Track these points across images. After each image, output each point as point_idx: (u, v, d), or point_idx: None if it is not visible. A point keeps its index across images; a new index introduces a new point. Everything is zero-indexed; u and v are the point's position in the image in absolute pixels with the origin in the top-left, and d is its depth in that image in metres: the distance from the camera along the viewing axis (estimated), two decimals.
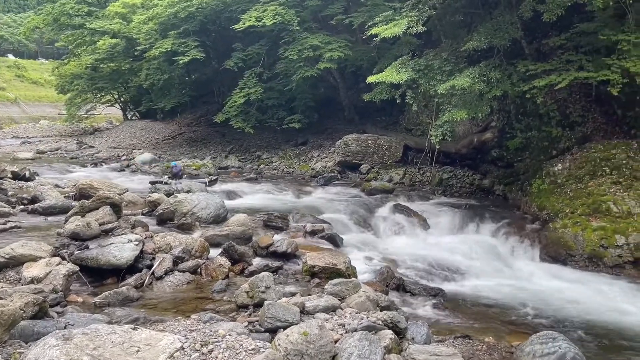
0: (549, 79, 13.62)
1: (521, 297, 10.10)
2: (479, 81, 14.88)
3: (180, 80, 32.51)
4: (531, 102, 16.25)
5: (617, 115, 15.83)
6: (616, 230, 12.39)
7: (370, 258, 11.66)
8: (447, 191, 19.21)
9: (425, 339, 6.73)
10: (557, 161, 15.91)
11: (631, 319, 9.13)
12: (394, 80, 16.96)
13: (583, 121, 16.26)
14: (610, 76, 12.74)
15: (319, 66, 23.34)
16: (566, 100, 16.71)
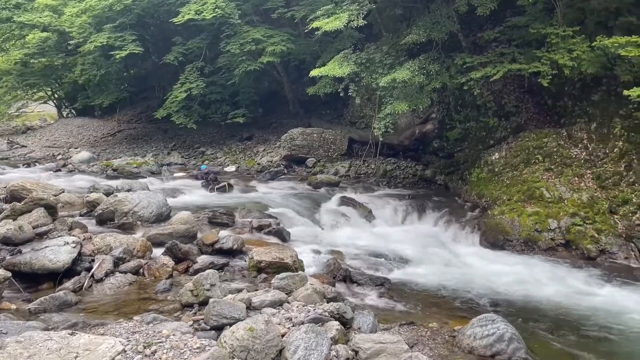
0: (484, 71, 14.12)
1: (463, 283, 10.45)
2: (419, 74, 15.22)
3: (118, 76, 31.32)
4: (469, 93, 16.81)
5: (548, 106, 16.62)
6: (549, 215, 13.05)
7: (318, 251, 11.72)
8: (391, 182, 19.59)
9: (372, 327, 6.85)
10: (494, 150, 16.56)
11: (562, 298, 9.65)
12: (336, 74, 17.06)
13: (517, 111, 16.97)
14: (540, 68, 13.35)
15: (262, 60, 23.14)
16: (501, 91, 17.38)
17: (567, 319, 8.79)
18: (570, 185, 13.74)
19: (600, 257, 12.05)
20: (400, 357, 5.48)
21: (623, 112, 13.58)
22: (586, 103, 14.90)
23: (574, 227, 12.62)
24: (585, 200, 13.20)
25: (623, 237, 12.32)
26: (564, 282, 10.56)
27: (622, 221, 12.66)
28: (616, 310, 9.11)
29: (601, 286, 10.32)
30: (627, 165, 13.31)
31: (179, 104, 25.05)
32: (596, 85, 14.58)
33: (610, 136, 13.93)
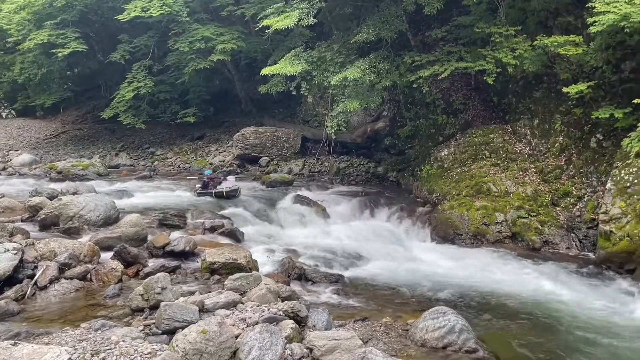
0: (432, 69, 14.43)
1: (415, 277, 10.66)
2: (370, 72, 15.40)
3: (61, 75, 30.08)
4: (418, 91, 17.15)
5: (494, 103, 17.19)
6: (496, 209, 13.50)
7: (272, 250, 11.67)
8: (344, 180, 19.77)
9: (326, 325, 6.87)
10: (443, 147, 16.96)
11: (509, 288, 9.98)
12: (288, 72, 17.03)
13: (465, 108, 17.45)
14: (485, 66, 13.77)
15: (212, 58, 22.81)
16: (449, 89, 17.82)
17: (514, 308, 9.11)
18: (516, 179, 14.26)
19: (544, 248, 12.59)
20: (355, 353, 5.52)
21: (563, 108, 14.20)
22: (529, 100, 15.49)
23: (520, 220, 13.11)
24: (530, 193, 13.73)
25: (564, 228, 12.90)
26: (510, 273, 10.94)
27: (563, 213, 13.26)
28: (559, 299, 9.52)
29: (545, 276, 10.75)
30: (567, 159, 13.93)
31: (127, 104, 24.36)
32: (538, 83, 15.18)
33: (552, 132, 14.54)
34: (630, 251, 10.26)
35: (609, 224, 10.99)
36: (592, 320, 8.56)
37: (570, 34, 12.26)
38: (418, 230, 14.21)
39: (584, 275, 10.78)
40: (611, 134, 12.89)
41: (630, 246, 10.26)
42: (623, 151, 11.53)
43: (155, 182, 18.67)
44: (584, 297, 9.56)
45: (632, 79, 12.22)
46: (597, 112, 12.10)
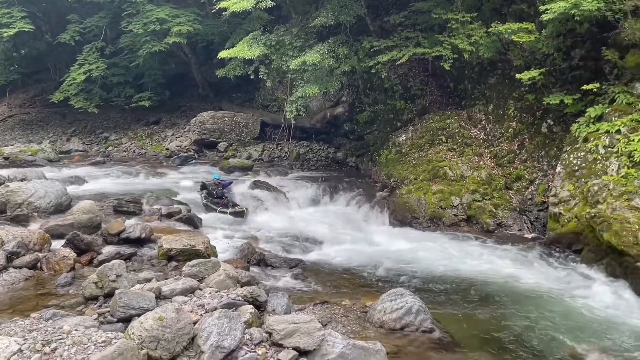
0: (390, 55, 14.50)
1: (374, 260, 10.79)
2: (329, 57, 15.34)
3: (6, 56, 28.60)
4: (377, 77, 17.22)
5: (450, 88, 17.48)
6: (452, 193, 13.79)
7: (231, 236, 11.59)
8: (304, 165, 19.77)
9: (286, 309, 6.89)
10: (401, 132, 17.16)
11: (464, 269, 10.25)
12: (246, 56, 16.76)
13: (422, 94, 17.68)
14: (442, 52, 13.95)
15: (168, 40, 22.19)
16: (407, 74, 18.00)
17: (469, 289, 9.37)
18: (471, 164, 14.59)
19: (498, 230, 12.97)
20: (314, 336, 5.56)
21: (516, 94, 14.57)
22: (484, 86, 15.83)
23: (475, 203, 13.45)
24: (484, 177, 14.09)
25: (517, 211, 13.32)
26: (466, 255, 11.22)
27: (516, 196, 13.68)
28: (511, 279, 9.84)
29: (498, 257, 11.09)
30: (520, 144, 14.35)
31: (78, 87, 23.46)
32: (492, 69, 15.52)
33: (505, 117, 14.92)
34: (578, 232, 10.68)
35: (558, 206, 11.41)
36: (542, 298, 8.91)
37: (524, 22, 12.53)
38: (377, 214, 14.36)
39: (535, 255, 11.16)
40: (561, 120, 13.34)
41: (578, 227, 10.68)
42: (572, 136, 11.96)
43: (109, 168, 18.14)
44: (534, 277, 9.91)
45: (581, 66, 12.63)
46: (548, 98, 12.48)
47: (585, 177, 11.01)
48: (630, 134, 10.33)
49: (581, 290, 9.20)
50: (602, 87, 11.52)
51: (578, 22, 11.63)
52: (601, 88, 11.52)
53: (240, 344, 5.47)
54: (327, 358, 5.48)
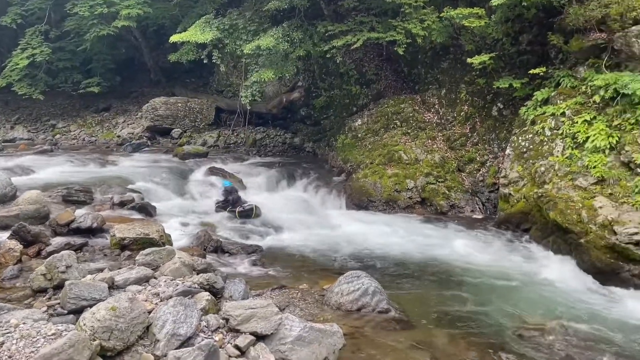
0: (345, 39, 14.50)
1: (331, 244, 10.91)
2: (283, 41, 15.20)
3: None
4: (332, 61, 17.19)
5: (405, 73, 17.68)
6: (407, 176, 14.03)
7: (187, 224, 11.42)
8: (261, 151, 19.65)
9: (243, 295, 6.88)
10: (357, 117, 17.28)
11: (419, 250, 10.48)
12: (198, 40, 16.41)
13: (377, 79, 17.81)
14: (396, 37, 14.05)
15: (116, 24, 21.40)
16: (362, 59, 18.07)
17: (424, 269, 9.61)
18: (425, 147, 14.86)
19: (451, 212, 13.31)
20: (271, 320, 5.58)
21: (468, 78, 14.89)
22: (437, 70, 16.09)
23: (429, 186, 13.74)
24: (438, 160, 14.38)
25: (469, 193, 13.70)
26: (420, 236, 11.48)
27: (468, 178, 14.06)
28: (464, 258, 10.15)
29: (451, 238, 11.40)
30: (472, 127, 14.71)
31: (21, 72, 22.35)
32: (445, 54, 15.77)
33: (458, 101, 15.24)
34: (526, 212, 11.09)
35: (508, 187, 11.80)
36: (493, 276, 9.22)
37: (475, 7, 12.77)
38: (334, 199, 14.48)
39: (486, 235, 11.54)
40: (510, 103, 13.74)
41: (526, 207, 11.08)
42: (520, 119, 12.35)
43: (57, 157, 17.46)
44: (486, 256, 10.25)
45: (529, 50, 13.02)
46: (497, 82, 12.81)
47: (533, 159, 11.41)
48: (574, 116, 10.74)
49: (530, 267, 9.60)
50: (548, 71, 11.92)
51: (525, 8, 11.96)
52: (547, 72, 11.91)
53: (197, 331, 5.44)
54: (284, 341, 5.52)
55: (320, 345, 5.57)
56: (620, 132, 9.75)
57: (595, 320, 7.50)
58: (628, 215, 8.77)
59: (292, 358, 5.41)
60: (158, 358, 4.98)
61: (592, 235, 8.98)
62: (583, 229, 9.18)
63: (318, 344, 5.57)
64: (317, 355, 5.47)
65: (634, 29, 10.14)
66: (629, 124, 9.63)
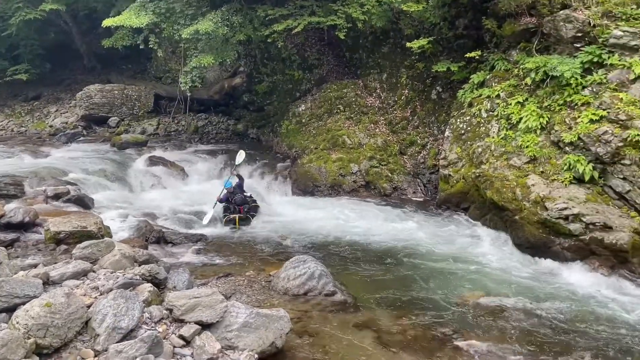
0: (286, 24, 14.37)
1: (277, 230, 10.91)
2: (222, 25, 14.86)
3: None
4: (274, 46, 17.03)
5: (346, 58, 17.75)
6: (351, 160, 14.18)
7: (127, 215, 11.05)
8: (203, 138, 19.29)
9: (187, 284, 6.77)
10: (300, 102, 17.24)
11: (364, 232, 10.65)
12: (133, 24, 15.75)
13: (319, 64, 17.80)
14: (337, 21, 14.06)
15: (44, 7, 20.24)
16: (304, 44, 17.98)
17: (368, 250, 9.78)
18: (368, 131, 15.05)
19: (394, 194, 13.60)
20: (216, 308, 5.52)
21: (407, 63, 15.14)
22: (378, 55, 16.26)
23: (372, 169, 13.95)
24: (380, 144, 14.61)
25: (411, 175, 14.03)
26: (365, 219, 11.65)
27: (410, 161, 14.38)
28: (408, 238, 10.42)
29: (395, 219, 11.66)
30: (412, 111, 15.02)
31: None
32: (385, 39, 15.95)
33: (398, 85, 15.50)
34: (465, 191, 11.48)
35: (447, 168, 12.16)
36: (435, 255, 9.53)
37: None
38: (279, 185, 14.44)
39: (428, 216, 11.88)
40: (449, 87, 14.11)
41: (465, 187, 11.47)
42: (458, 102, 12.71)
43: None
44: (428, 236, 10.56)
45: (465, 35, 13.37)
46: (436, 66, 13.11)
47: (471, 140, 11.79)
48: (508, 98, 11.17)
49: (469, 245, 9.98)
50: (483, 55, 12.30)
51: None
52: (482, 56, 12.30)
53: (140, 323, 5.30)
54: (231, 329, 5.47)
55: (267, 330, 5.57)
56: (550, 113, 10.23)
57: (529, 292, 7.91)
58: (558, 191, 9.25)
59: (239, 345, 5.39)
60: (98, 353, 4.83)
61: (525, 212, 9.41)
62: (517, 206, 9.61)
63: (265, 329, 5.56)
64: (264, 340, 5.47)
65: (562, 14, 10.61)
66: (558, 105, 10.12)
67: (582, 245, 8.68)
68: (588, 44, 10.08)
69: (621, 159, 8.85)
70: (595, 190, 9.16)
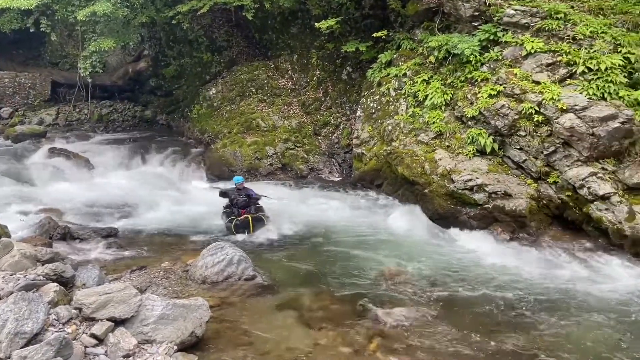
0: (190, 4, 13.90)
1: (193, 218, 10.62)
2: (122, 6, 14.09)
3: None
4: (179, 28, 16.37)
5: (256, 39, 17.49)
6: (266, 143, 14.08)
7: (27, 212, 10.32)
8: (109, 127, 18.33)
9: (98, 280, 6.45)
10: (210, 85, 16.81)
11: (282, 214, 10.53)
12: (22, 6, 14.50)
13: (229, 45, 17.40)
14: (244, 1, 13.77)
15: None
16: (211, 25, 17.46)
17: (287, 231, 9.79)
18: (282, 113, 15.01)
19: (311, 175, 13.72)
20: (130, 303, 5.31)
21: (317, 43, 15.19)
22: (287, 36, 16.16)
23: (288, 151, 13.96)
24: (295, 126, 14.63)
25: (326, 155, 14.21)
26: (283, 201, 11.60)
27: (324, 141, 14.53)
28: (326, 216, 10.58)
29: (312, 199, 11.78)
30: (324, 91, 15.14)
31: None
32: (294, 19, 15.86)
33: (309, 66, 15.53)
34: (378, 169, 11.81)
35: (360, 147, 12.43)
36: (352, 230, 9.79)
37: None
38: (193, 171, 14.05)
39: (344, 194, 12.11)
40: (358, 66, 14.36)
41: (378, 164, 11.79)
42: (368, 81, 12.98)
43: None
44: (345, 213, 10.79)
45: (372, 14, 13.61)
46: (345, 46, 13.27)
47: (381, 119, 12.11)
48: (414, 76, 11.56)
49: (383, 220, 10.31)
50: (389, 35, 12.61)
51: None
52: (389, 35, 12.61)
53: (46, 325, 5.00)
54: (147, 322, 5.30)
55: (185, 320, 5.45)
56: (453, 90, 10.72)
57: (439, 261, 8.36)
58: (462, 164, 9.77)
59: (157, 338, 5.23)
60: None
61: (434, 185, 9.86)
62: (427, 180, 10.04)
63: (183, 320, 5.44)
64: (183, 331, 5.35)
65: None
66: (460, 81, 10.63)
67: (486, 214, 9.26)
68: (485, 22, 10.64)
69: (517, 130, 9.48)
70: (496, 161, 9.77)
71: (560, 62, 9.52)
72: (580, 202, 8.71)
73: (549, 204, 9.18)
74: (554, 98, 8.99)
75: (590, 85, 9.00)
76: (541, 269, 8.03)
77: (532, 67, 9.75)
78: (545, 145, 9.09)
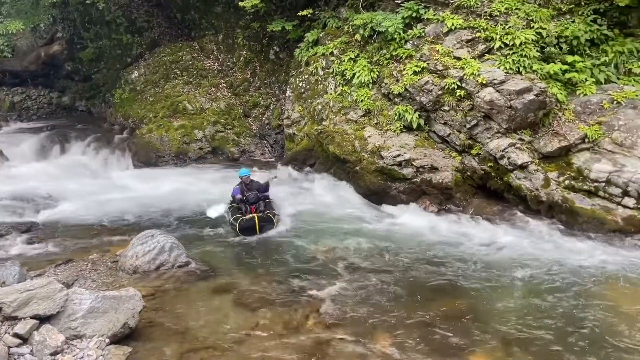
0: None
1: (120, 207, 10.22)
2: None
3: None
4: (95, 8, 15.47)
5: (178, 19, 16.87)
6: (194, 127, 13.73)
7: None
8: (23, 115, 17.17)
9: (19, 278, 6.12)
10: (132, 69, 16.10)
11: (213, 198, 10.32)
12: None
13: (149, 26, 16.68)
14: None
15: None
16: (130, 5, 16.65)
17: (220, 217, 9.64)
18: (209, 95, 14.65)
19: (243, 157, 13.55)
20: (55, 298, 5.05)
21: (242, 23, 14.87)
22: (211, 15, 15.71)
23: (218, 134, 13.69)
24: (224, 108, 14.35)
25: (257, 137, 14.06)
26: (213, 185, 11.42)
27: (255, 123, 14.36)
28: None
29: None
30: (252, 72, 14.91)
31: None
32: None
33: (236, 46, 15.20)
34: (310, 148, 11.81)
35: (291, 127, 12.39)
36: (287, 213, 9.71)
37: None
38: (118, 158, 13.49)
39: (277, 175, 12.01)
40: (286, 46, 14.21)
41: (309, 144, 11.80)
42: (296, 61, 12.88)
43: None
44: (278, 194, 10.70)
45: None
46: (271, 26, 13.08)
47: (311, 98, 12.10)
48: (341, 55, 11.60)
49: (316, 199, 10.38)
50: (315, 13, 12.54)
51: None
52: (315, 14, 12.54)
53: None
54: (75, 317, 5.09)
55: (117, 312, 5.28)
56: (380, 67, 10.88)
57: (372, 236, 8.56)
58: (391, 140, 9.99)
59: (87, 332, 5.04)
60: None
61: (365, 162, 10.03)
62: (357, 157, 10.18)
63: (114, 312, 5.26)
64: (115, 323, 5.18)
65: None
66: (385, 59, 10.79)
67: (415, 187, 9.56)
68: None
69: (441, 106, 9.79)
70: (422, 136, 10.06)
71: (479, 38, 9.89)
72: (501, 171, 9.18)
73: (473, 175, 9.60)
74: (474, 73, 9.35)
75: (507, 60, 9.43)
76: (467, 236, 8.43)
77: (453, 44, 10.07)
78: (467, 119, 9.46)
